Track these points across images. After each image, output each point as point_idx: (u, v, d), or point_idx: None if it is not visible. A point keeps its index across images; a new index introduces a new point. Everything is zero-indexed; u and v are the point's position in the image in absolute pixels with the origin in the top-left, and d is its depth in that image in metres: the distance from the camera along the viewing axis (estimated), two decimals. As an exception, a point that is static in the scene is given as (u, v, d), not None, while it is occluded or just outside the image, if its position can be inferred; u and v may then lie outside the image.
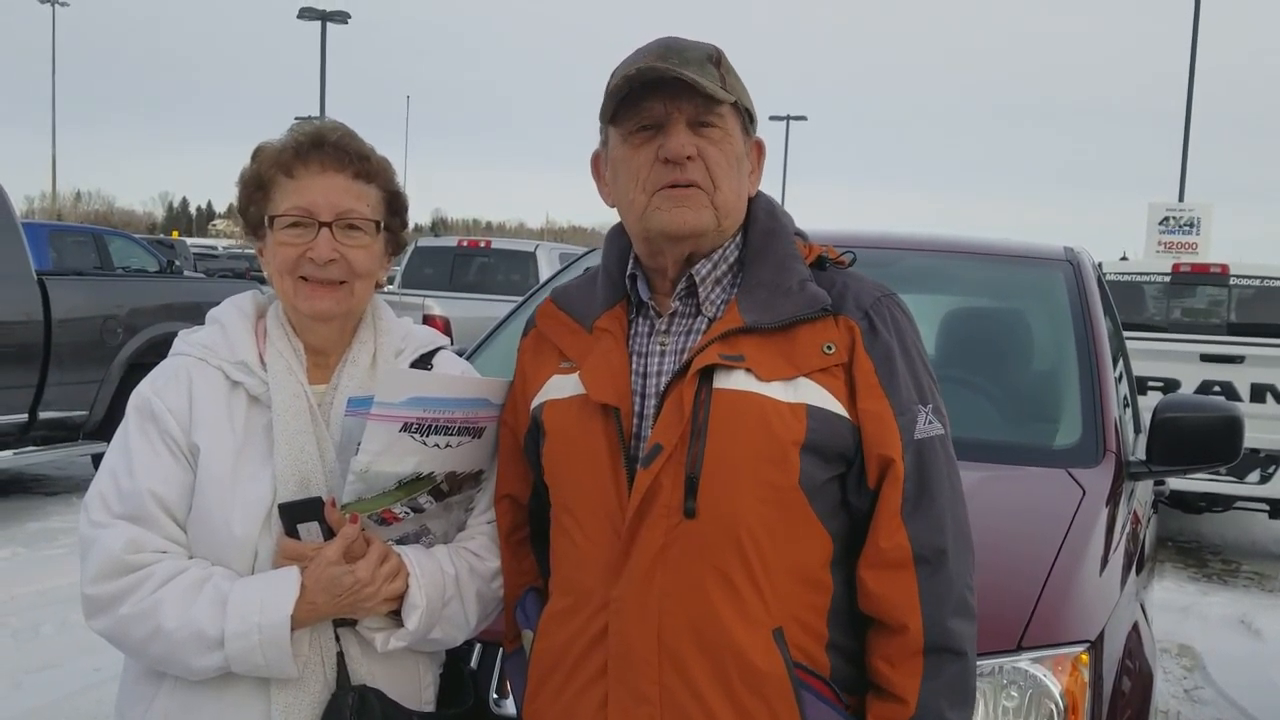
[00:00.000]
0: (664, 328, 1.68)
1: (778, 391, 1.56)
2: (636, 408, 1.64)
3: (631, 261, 1.73)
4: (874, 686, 1.59)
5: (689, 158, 1.60)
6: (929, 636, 1.55)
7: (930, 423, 1.61)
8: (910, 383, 1.61)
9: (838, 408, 1.57)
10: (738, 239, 1.71)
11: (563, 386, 1.70)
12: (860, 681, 1.62)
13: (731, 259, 1.70)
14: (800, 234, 1.75)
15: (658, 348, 1.67)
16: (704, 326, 1.66)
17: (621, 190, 1.68)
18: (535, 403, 1.74)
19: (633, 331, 1.71)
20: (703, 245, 1.66)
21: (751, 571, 1.54)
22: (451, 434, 1.74)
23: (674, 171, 1.61)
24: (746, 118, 1.69)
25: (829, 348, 1.59)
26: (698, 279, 1.67)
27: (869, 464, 1.58)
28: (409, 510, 1.76)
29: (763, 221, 1.72)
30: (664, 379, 1.63)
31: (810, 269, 1.68)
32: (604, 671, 1.59)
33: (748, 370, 1.57)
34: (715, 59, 1.64)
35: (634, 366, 1.66)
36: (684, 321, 1.68)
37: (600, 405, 1.63)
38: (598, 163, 1.76)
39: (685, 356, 1.61)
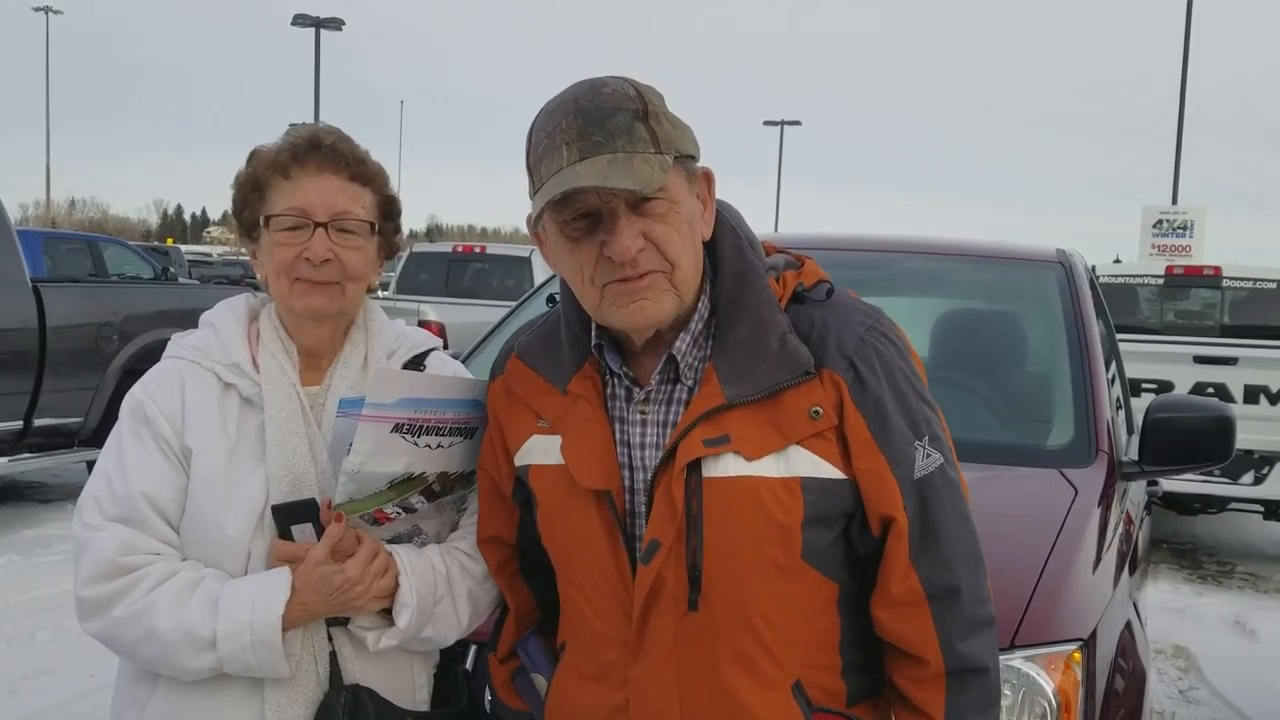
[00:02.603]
0: (643, 398, 1.61)
1: (769, 468, 1.51)
2: (626, 483, 1.59)
3: (594, 329, 1.63)
4: (899, 698, 1.60)
5: (640, 250, 1.49)
6: (950, 663, 1.54)
7: (929, 456, 1.56)
8: (904, 424, 1.55)
9: (833, 472, 1.52)
10: (706, 288, 1.60)
11: (546, 450, 1.64)
12: (873, 686, 1.63)
13: (705, 314, 1.60)
14: (772, 267, 1.63)
15: (639, 416, 1.60)
16: (684, 396, 1.58)
17: (570, 278, 1.59)
18: (519, 461, 1.68)
19: (609, 393, 1.63)
20: (667, 323, 1.57)
21: (765, 643, 1.54)
22: (443, 434, 1.75)
23: (624, 269, 1.50)
24: (688, 160, 1.55)
25: (816, 412, 1.51)
26: (677, 355, 1.58)
27: (871, 519, 1.55)
28: (401, 510, 1.76)
29: (731, 261, 1.60)
30: (649, 452, 1.58)
31: (788, 305, 1.59)
32: None
33: (735, 452, 1.51)
34: (641, 113, 1.49)
35: (616, 436, 1.60)
36: (664, 389, 1.60)
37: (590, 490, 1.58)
38: (535, 228, 1.63)
39: (669, 439, 1.54)
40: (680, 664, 1.55)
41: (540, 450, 1.65)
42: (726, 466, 1.51)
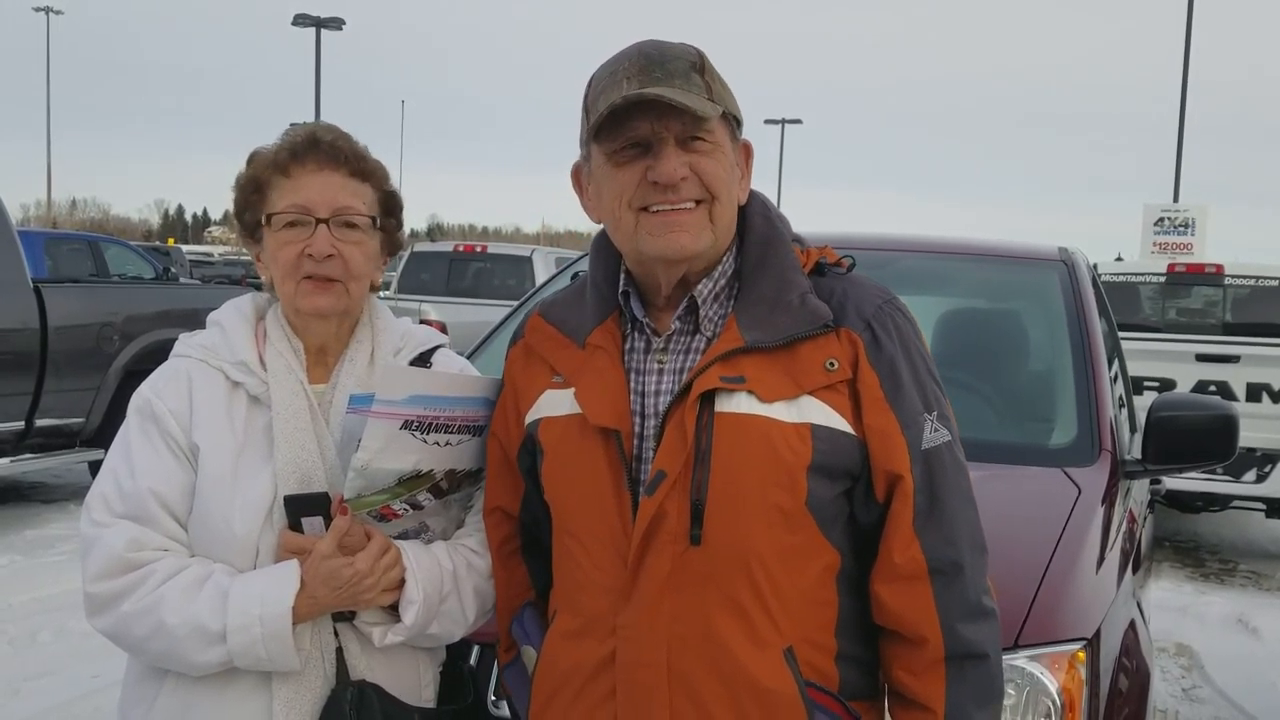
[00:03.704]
0: (662, 346, 1.64)
1: (780, 412, 1.53)
2: (636, 428, 1.60)
3: (623, 277, 1.68)
4: (897, 695, 1.59)
5: (683, 179, 1.55)
6: (949, 646, 1.54)
7: (936, 430, 1.58)
8: (915, 392, 1.58)
9: (843, 425, 1.54)
10: (733, 249, 1.66)
11: (557, 403, 1.66)
12: (868, 687, 1.62)
13: (730, 271, 1.65)
14: (798, 239, 1.70)
15: (656, 366, 1.63)
16: (703, 345, 1.61)
17: (607, 208, 1.62)
18: (529, 418, 1.70)
19: (628, 347, 1.66)
20: (698, 264, 1.62)
21: (761, 595, 1.53)
22: (451, 432, 1.75)
23: (666, 193, 1.55)
24: (734, 123, 1.63)
25: (832, 364, 1.55)
26: (699, 299, 1.63)
27: (876, 480, 1.56)
28: (408, 507, 1.76)
29: (759, 229, 1.67)
30: (663, 399, 1.59)
31: (810, 276, 1.64)
32: (612, 694, 1.58)
33: (749, 392, 1.54)
34: (699, 65, 1.57)
35: (631, 385, 1.62)
36: (683, 339, 1.64)
37: (600, 428, 1.59)
38: (579, 176, 1.70)
39: (685, 377, 1.57)
40: (672, 610, 1.53)
41: (552, 403, 1.67)
42: (739, 404, 1.54)
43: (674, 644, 1.54)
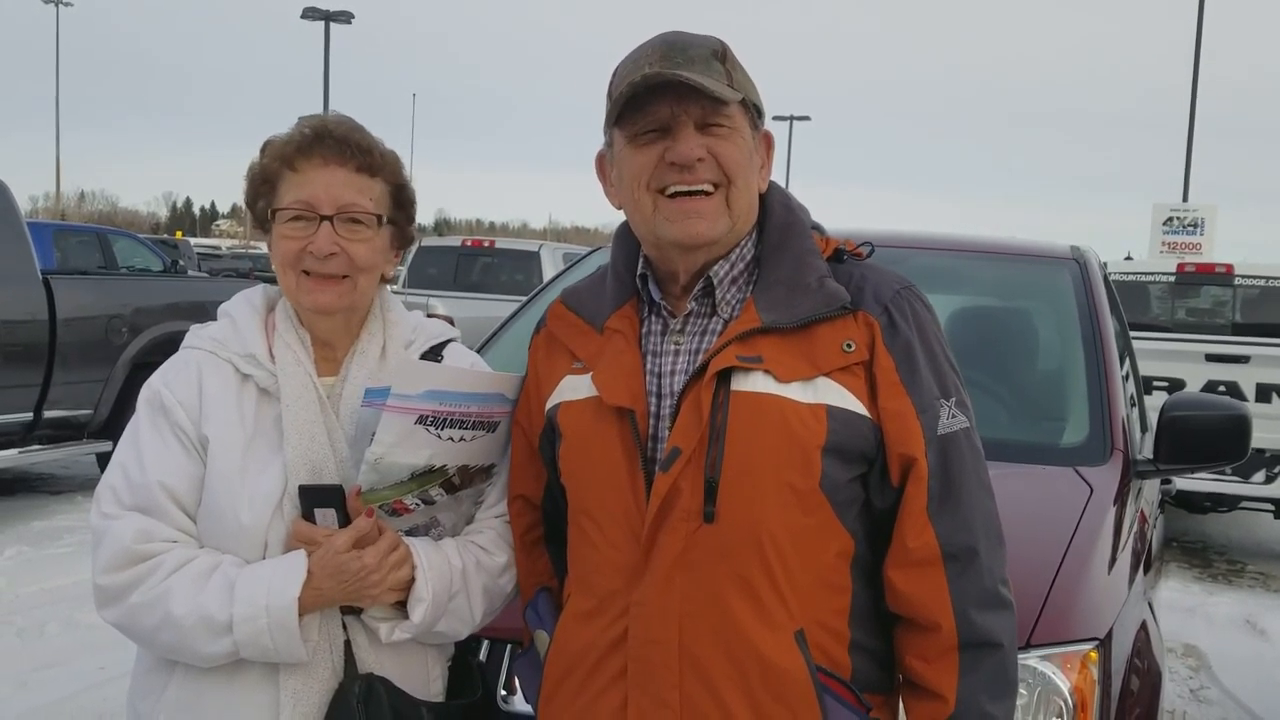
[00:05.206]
0: (678, 327, 1.65)
1: (797, 392, 1.53)
2: (652, 409, 1.61)
3: (641, 261, 1.70)
4: (909, 684, 1.58)
5: (699, 160, 1.56)
6: (963, 633, 1.53)
7: (954, 417, 1.58)
8: (932, 378, 1.58)
9: (858, 407, 1.55)
10: (753, 235, 1.67)
11: (576, 387, 1.67)
12: (881, 681, 1.61)
13: (749, 257, 1.66)
14: (817, 227, 1.71)
15: (672, 347, 1.64)
16: (719, 327, 1.62)
17: (626, 190, 1.64)
18: (549, 404, 1.71)
19: (645, 330, 1.67)
20: (716, 251, 1.63)
21: (773, 575, 1.52)
22: (466, 428, 1.74)
23: (683, 174, 1.57)
24: (754, 112, 1.64)
25: (849, 346, 1.56)
26: (715, 280, 1.64)
27: (891, 463, 1.56)
28: (420, 502, 1.76)
29: (779, 215, 1.68)
30: (679, 379, 1.60)
31: (828, 263, 1.65)
32: (623, 674, 1.57)
33: (766, 371, 1.54)
34: (720, 54, 1.59)
35: (648, 366, 1.64)
36: (699, 321, 1.65)
37: (615, 408, 1.60)
38: (603, 164, 1.72)
39: (702, 357, 1.58)
40: (684, 587, 1.53)
41: (571, 388, 1.68)
42: (756, 383, 1.55)
43: (685, 622, 1.53)
